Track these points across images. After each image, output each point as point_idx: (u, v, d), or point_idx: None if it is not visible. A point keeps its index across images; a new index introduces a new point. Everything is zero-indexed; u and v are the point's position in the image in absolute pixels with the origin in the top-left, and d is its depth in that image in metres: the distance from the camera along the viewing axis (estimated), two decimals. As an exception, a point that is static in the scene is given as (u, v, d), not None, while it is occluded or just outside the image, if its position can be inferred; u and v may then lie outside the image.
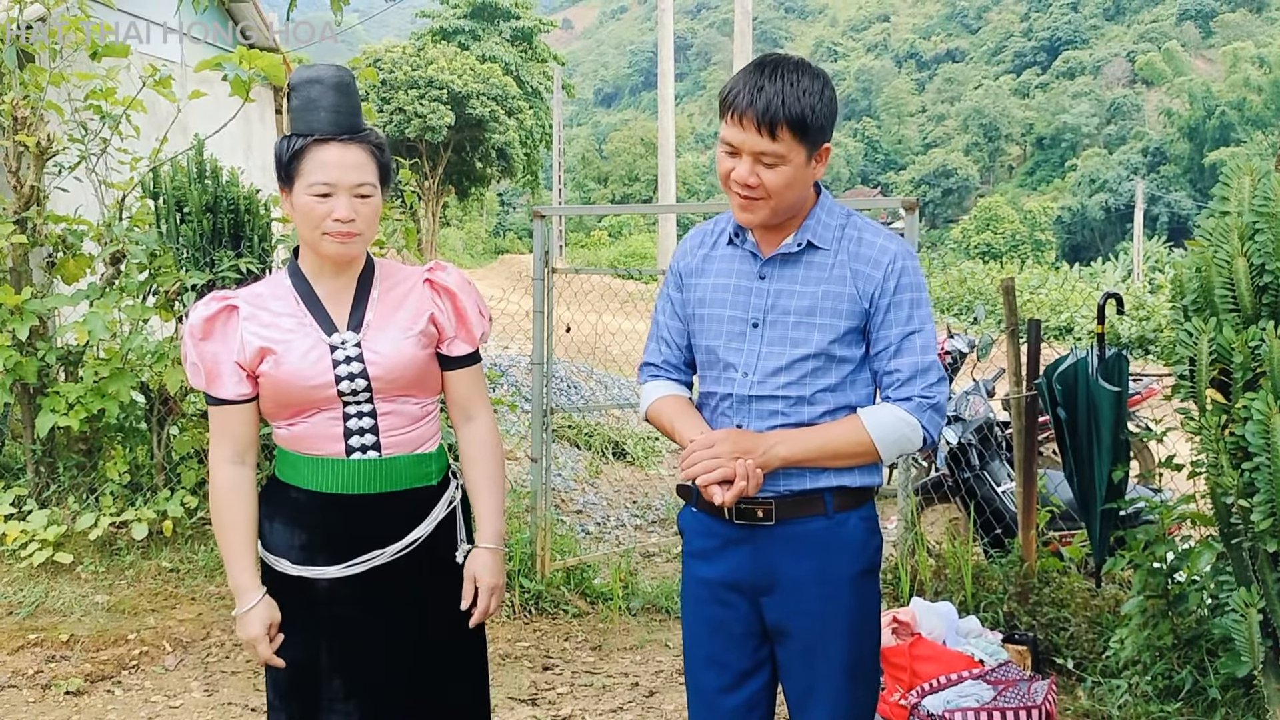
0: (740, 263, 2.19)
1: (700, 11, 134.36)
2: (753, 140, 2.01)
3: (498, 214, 63.84)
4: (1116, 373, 3.75)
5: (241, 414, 2.20)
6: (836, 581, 2.14)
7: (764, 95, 1.99)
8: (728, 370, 2.16)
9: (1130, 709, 3.43)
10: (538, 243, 5.01)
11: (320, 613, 2.20)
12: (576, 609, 4.76)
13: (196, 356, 2.17)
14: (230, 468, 2.21)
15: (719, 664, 2.22)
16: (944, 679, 3.38)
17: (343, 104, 2.13)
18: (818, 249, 2.13)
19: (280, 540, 2.22)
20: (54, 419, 4.89)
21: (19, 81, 5.10)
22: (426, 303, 2.24)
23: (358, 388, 2.15)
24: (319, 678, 2.21)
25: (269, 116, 13.36)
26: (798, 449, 2.07)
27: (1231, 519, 2.86)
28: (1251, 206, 2.71)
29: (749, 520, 2.14)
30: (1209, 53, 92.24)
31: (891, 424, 2.09)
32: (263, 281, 2.27)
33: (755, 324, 2.14)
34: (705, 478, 2.03)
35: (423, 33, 40.73)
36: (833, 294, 2.10)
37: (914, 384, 2.09)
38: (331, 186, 2.10)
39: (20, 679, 3.99)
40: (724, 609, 2.21)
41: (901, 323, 2.10)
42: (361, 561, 2.18)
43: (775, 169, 2.03)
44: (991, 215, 63.06)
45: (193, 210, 5.09)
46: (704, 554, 2.23)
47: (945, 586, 4.23)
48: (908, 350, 2.10)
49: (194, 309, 2.18)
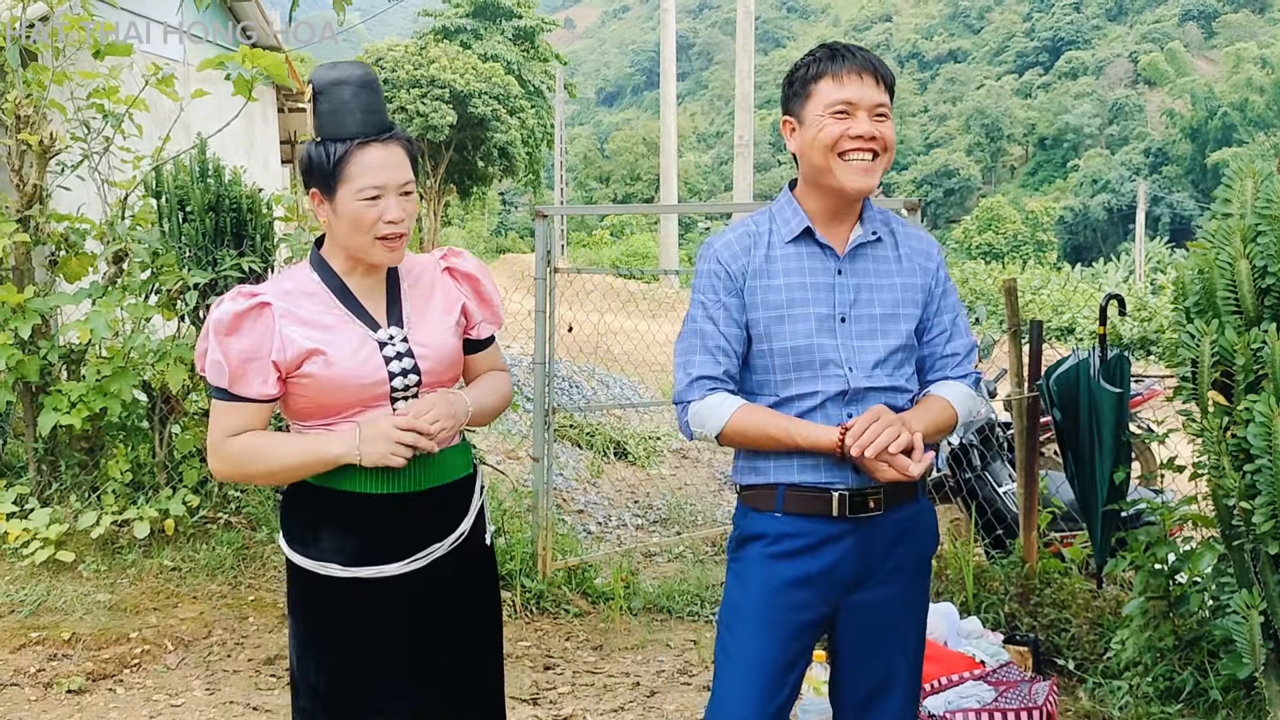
0: (812, 260, 2.18)
1: (702, 11, 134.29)
2: (870, 92, 2.08)
3: (499, 213, 63.84)
4: (1118, 374, 3.75)
5: (258, 412, 2.10)
6: (922, 564, 2.26)
7: (862, 55, 2.10)
8: (827, 368, 2.13)
9: (1131, 710, 3.43)
10: (540, 242, 5.01)
11: (368, 614, 2.16)
12: (578, 609, 4.76)
13: (221, 353, 2.04)
14: (236, 435, 2.11)
15: (786, 670, 2.18)
16: (945, 680, 3.38)
17: (373, 103, 2.09)
18: (880, 241, 2.21)
19: (329, 545, 2.13)
20: (56, 417, 4.90)
21: (22, 80, 5.10)
22: (454, 292, 2.25)
23: (410, 383, 2.14)
24: (365, 679, 2.18)
25: (271, 115, 13.36)
26: (923, 423, 2.13)
27: (1233, 521, 2.86)
28: (1254, 208, 2.71)
29: (860, 512, 2.13)
30: (1211, 53, 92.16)
31: (967, 400, 2.23)
32: (284, 277, 2.17)
33: (843, 319, 2.16)
34: (896, 444, 2.01)
35: (425, 32, 40.70)
36: (911, 285, 2.19)
37: (968, 363, 2.24)
38: (381, 189, 2.05)
39: (22, 677, 4.00)
40: (808, 611, 2.17)
41: (952, 308, 2.25)
42: (423, 556, 2.17)
43: (886, 122, 2.10)
44: (993, 215, 63.04)
45: (195, 209, 5.09)
46: (795, 553, 2.16)
47: (947, 587, 4.23)
48: (959, 333, 2.25)
49: (221, 303, 2.06)
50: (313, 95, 2.10)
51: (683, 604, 4.82)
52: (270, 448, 2.09)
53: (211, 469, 2.15)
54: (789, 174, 35.75)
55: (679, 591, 4.91)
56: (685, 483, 7.75)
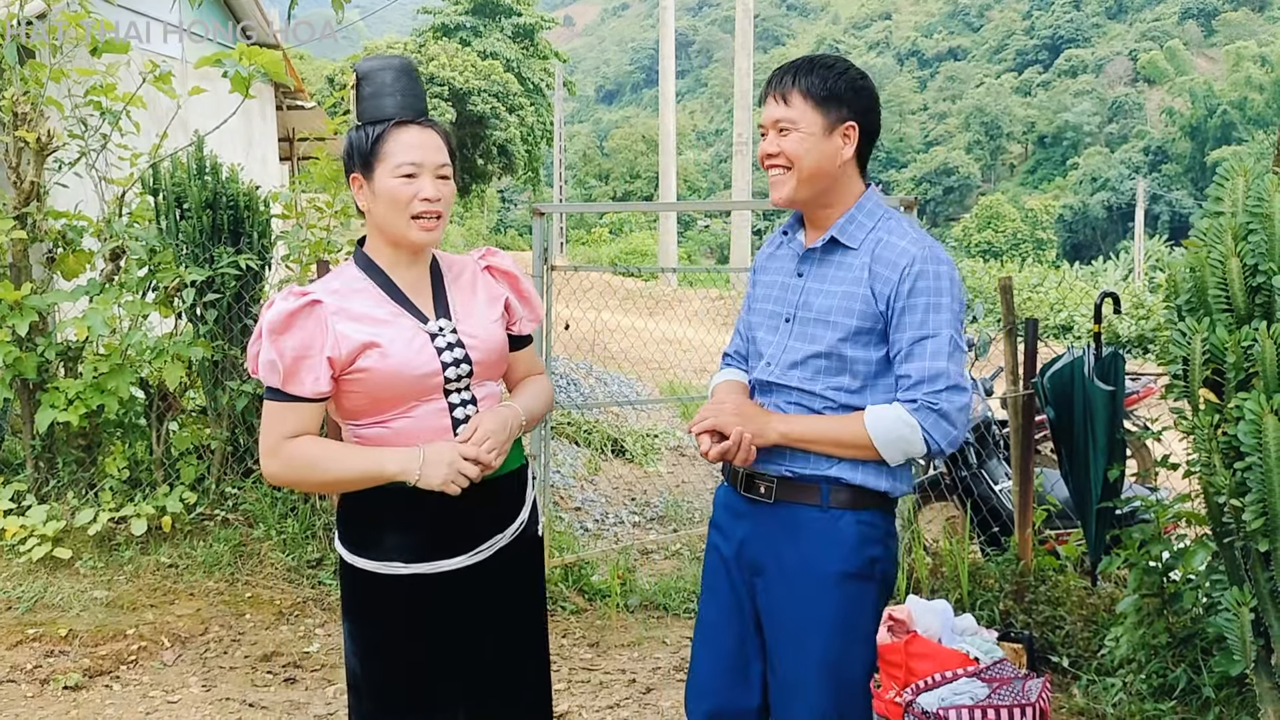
0: (786, 261, 2.31)
1: (702, 9, 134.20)
2: (770, 110, 2.16)
3: (498, 211, 63.75)
4: (1112, 372, 3.75)
5: (312, 412, 2.11)
6: (822, 577, 2.18)
7: (784, 72, 2.18)
8: (758, 359, 2.30)
9: (1125, 707, 3.44)
10: (537, 240, 5.02)
11: (429, 611, 2.17)
12: (574, 606, 4.77)
13: (275, 352, 2.05)
14: (294, 438, 2.11)
15: (721, 630, 2.33)
16: (939, 676, 3.39)
17: (412, 88, 2.16)
18: (847, 248, 2.19)
19: (392, 543, 2.15)
20: (53, 414, 4.91)
21: (19, 77, 5.10)
22: (495, 288, 2.29)
23: (462, 373, 2.16)
24: (434, 678, 2.20)
25: (269, 113, 13.37)
26: (796, 428, 2.16)
27: (1224, 518, 2.86)
28: (1245, 207, 2.72)
29: (753, 494, 2.25)
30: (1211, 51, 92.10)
31: (891, 422, 2.10)
32: (331, 277, 2.19)
33: (788, 319, 2.24)
34: (698, 425, 2.17)
35: (424, 29, 40.71)
36: (850, 294, 2.16)
37: (920, 388, 2.09)
38: (417, 167, 2.11)
39: (19, 674, 4.01)
40: (731, 582, 2.32)
41: (914, 327, 2.10)
42: (486, 548, 2.21)
43: (789, 135, 2.14)
44: (993, 213, 62.97)
45: (192, 206, 5.10)
46: (719, 525, 2.36)
47: (942, 584, 4.24)
48: (917, 355, 2.10)
49: (273, 303, 2.08)
50: (355, 83, 2.17)
51: (679, 601, 4.82)
52: (330, 459, 2.10)
53: (265, 472, 2.15)
54: (788, 172, 36.06)
55: (676, 589, 4.91)
56: (683, 480, 7.76)
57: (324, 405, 2.14)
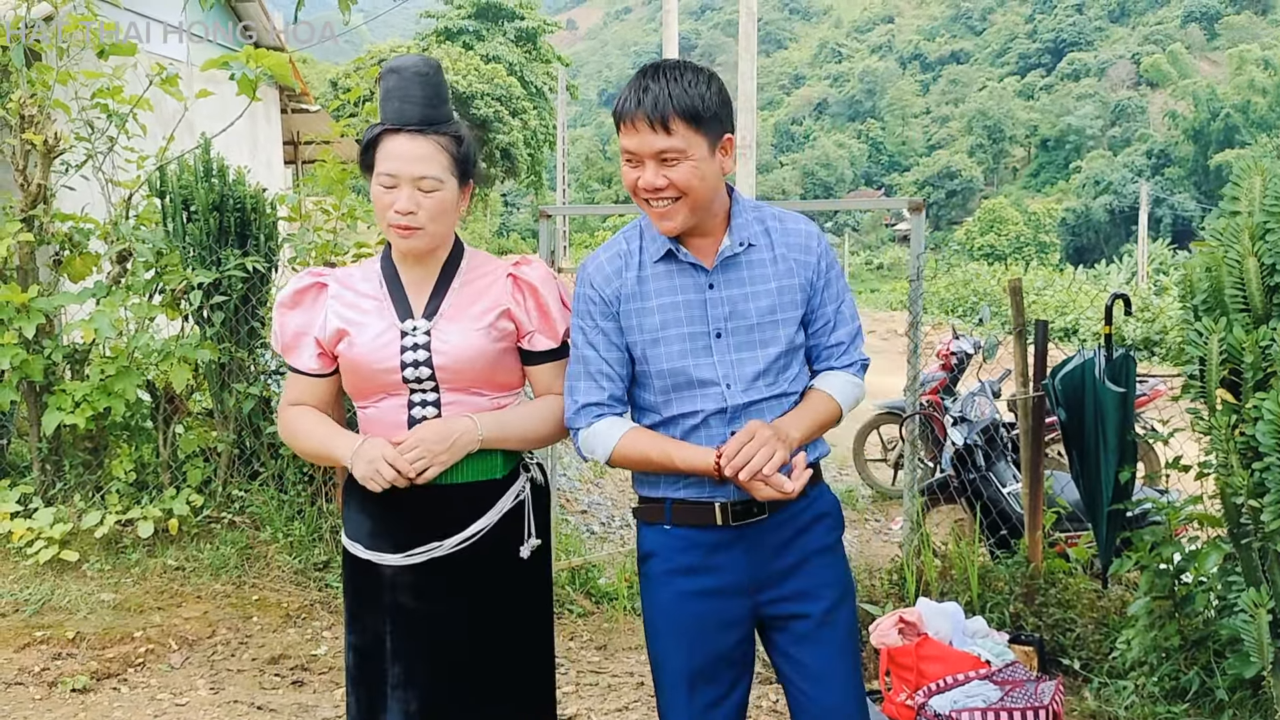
0: (682, 277, 2.12)
1: (705, 12, 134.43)
2: (649, 140, 1.99)
3: (501, 214, 63.83)
4: (1123, 374, 3.74)
5: (314, 385, 2.26)
6: (831, 549, 2.22)
7: (650, 94, 1.99)
8: (705, 387, 2.10)
9: (1137, 710, 3.42)
10: (543, 242, 5.01)
11: (385, 598, 2.21)
12: (582, 609, 4.76)
13: (279, 325, 2.25)
14: (296, 405, 2.29)
15: (710, 678, 2.17)
16: (950, 679, 3.37)
17: (416, 95, 2.14)
18: (752, 246, 2.14)
19: (353, 525, 2.25)
20: (60, 417, 4.90)
21: (26, 80, 5.10)
22: (505, 297, 2.22)
23: (422, 375, 2.16)
24: (384, 662, 2.22)
25: (274, 116, 13.38)
26: (802, 428, 2.10)
27: (1241, 519, 2.85)
28: (1262, 206, 2.71)
29: (746, 519, 2.12)
30: (1214, 55, 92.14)
31: (849, 389, 2.20)
32: (361, 262, 2.33)
33: (719, 334, 2.10)
34: (771, 465, 1.96)
35: (427, 33, 40.80)
36: (788, 287, 2.13)
37: (854, 350, 2.21)
38: (394, 178, 2.12)
39: (27, 676, 4.00)
40: (718, 618, 2.16)
41: (835, 299, 2.19)
42: (421, 552, 2.18)
43: (678, 165, 2.00)
44: (995, 217, 63.00)
45: (199, 209, 5.10)
46: (689, 569, 2.15)
47: (951, 587, 4.22)
48: (843, 321, 2.20)
49: (290, 282, 2.26)
50: (378, 79, 2.23)
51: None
52: (305, 432, 2.25)
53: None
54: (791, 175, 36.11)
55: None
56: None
57: (329, 382, 2.27)
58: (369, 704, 2.25)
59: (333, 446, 2.19)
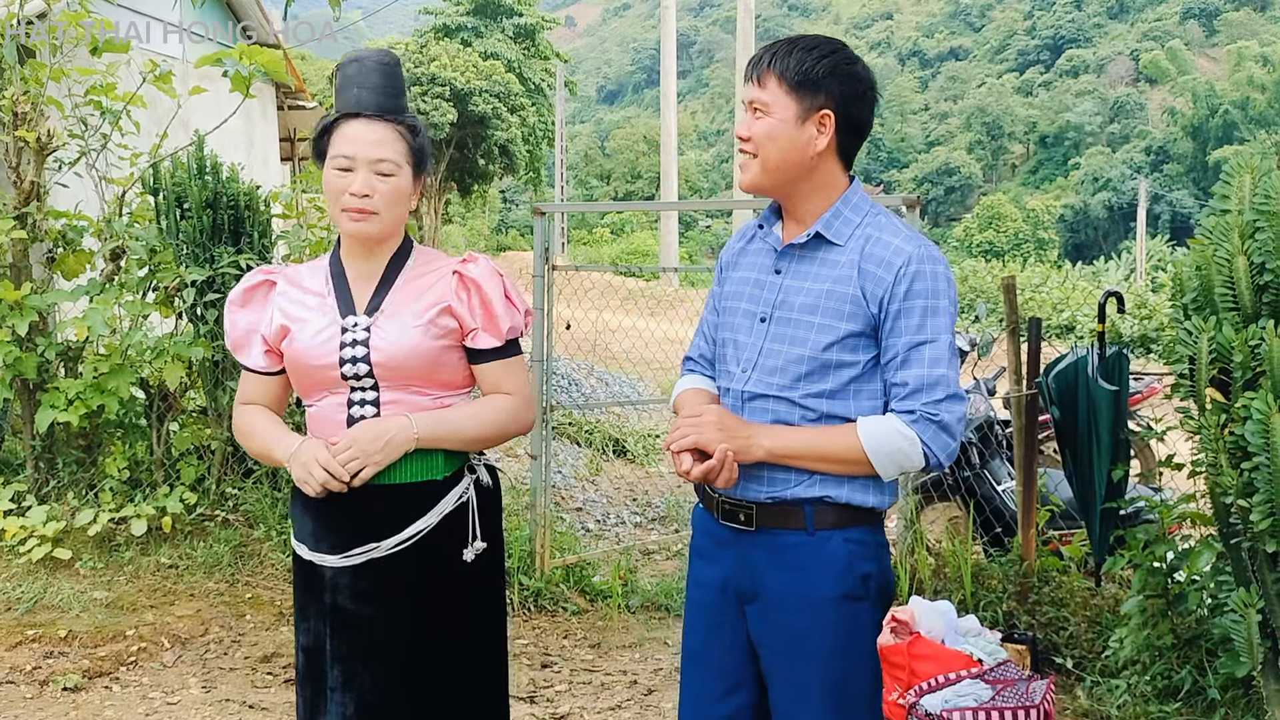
0: (762, 256, 2.13)
1: (703, 9, 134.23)
2: (747, 89, 2.04)
3: (500, 211, 63.75)
4: (1116, 372, 3.74)
5: (264, 383, 2.28)
6: (816, 601, 2.03)
7: (767, 47, 2.04)
8: (730, 365, 2.11)
9: (1129, 709, 3.42)
10: (538, 239, 5.00)
11: (326, 599, 2.19)
12: (576, 606, 4.76)
13: (229, 323, 2.27)
14: (248, 404, 2.31)
15: (711, 665, 2.17)
16: (942, 678, 3.36)
17: (376, 84, 2.15)
18: (833, 245, 2.03)
19: (298, 525, 2.25)
20: (53, 415, 4.89)
21: (19, 77, 5.09)
22: (447, 293, 2.19)
23: (360, 372, 2.14)
24: (325, 664, 2.20)
25: (270, 113, 13.35)
26: (782, 443, 1.98)
27: (1230, 519, 2.85)
28: (1252, 204, 2.70)
29: (732, 522, 2.09)
30: (1213, 51, 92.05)
31: (887, 434, 1.95)
32: (311, 260, 2.32)
33: (763, 319, 2.06)
34: (679, 443, 1.99)
35: (425, 29, 40.66)
36: (836, 293, 1.99)
37: (918, 397, 1.95)
38: (350, 160, 2.11)
39: (18, 675, 3.99)
40: (719, 612, 2.15)
41: (911, 331, 1.95)
42: (359, 554, 2.15)
43: (761, 119, 2.01)
44: (994, 214, 62.93)
45: (193, 206, 5.09)
46: (702, 552, 2.20)
47: (944, 585, 4.22)
48: (915, 362, 1.95)
49: (242, 280, 2.29)
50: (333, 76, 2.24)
51: (681, 602, 4.79)
52: (251, 432, 2.28)
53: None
54: (789, 172, 36.20)
55: (677, 589, 4.90)
56: (684, 480, 7.74)
57: (279, 380, 2.28)
58: (312, 705, 2.23)
59: (274, 447, 2.22)
